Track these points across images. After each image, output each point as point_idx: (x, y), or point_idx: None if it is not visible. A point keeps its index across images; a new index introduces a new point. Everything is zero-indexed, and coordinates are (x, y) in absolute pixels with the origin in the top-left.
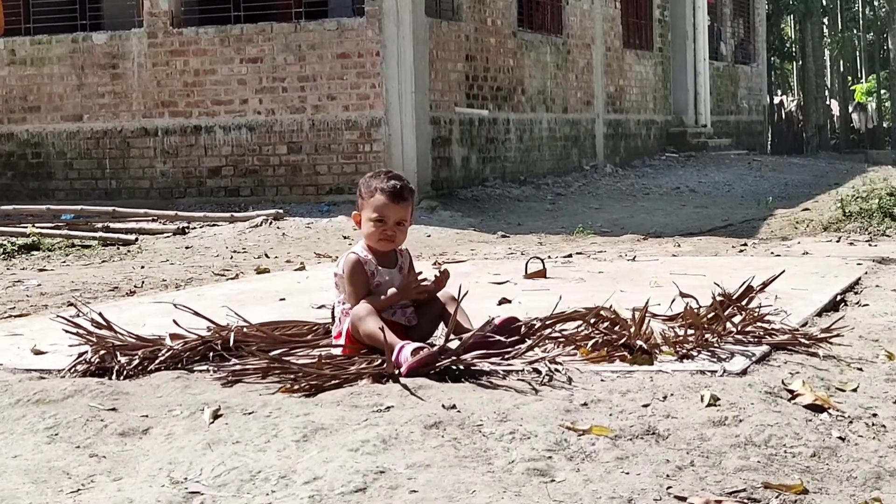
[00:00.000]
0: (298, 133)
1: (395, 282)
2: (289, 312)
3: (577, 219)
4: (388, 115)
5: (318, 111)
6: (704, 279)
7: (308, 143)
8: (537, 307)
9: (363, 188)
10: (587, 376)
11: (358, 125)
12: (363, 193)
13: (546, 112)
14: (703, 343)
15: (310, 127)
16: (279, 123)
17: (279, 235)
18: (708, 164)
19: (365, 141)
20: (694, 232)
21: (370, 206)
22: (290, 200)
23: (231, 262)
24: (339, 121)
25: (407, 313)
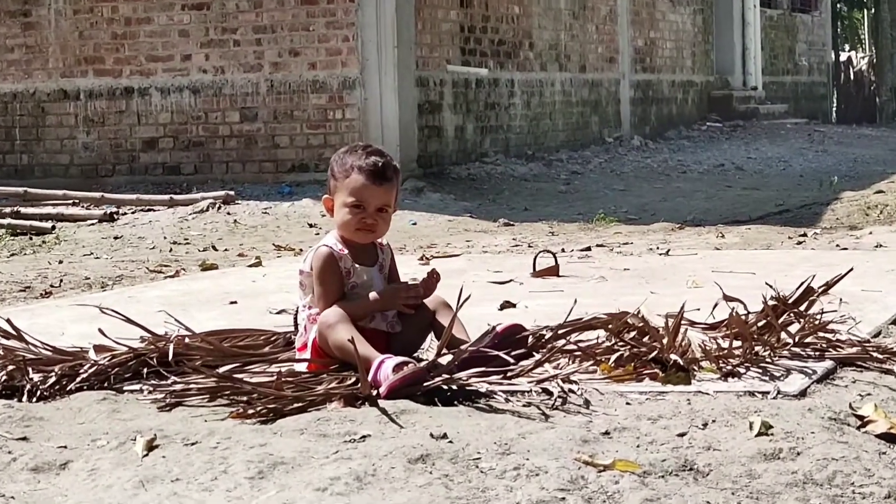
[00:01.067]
0: (253, 97)
1: (374, 283)
2: (241, 319)
3: (596, 203)
4: (365, 74)
5: (278, 70)
6: (754, 278)
7: (265, 108)
8: (548, 313)
9: (336, 166)
10: (609, 398)
11: (327, 87)
12: (336, 173)
13: (559, 71)
14: (752, 357)
15: (267, 89)
16: (230, 85)
17: (230, 223)
18: (759, 135)
19: (335, 106)
20: (741, 219)
21: (345, 188)
22: (244, 180)
23: (170, 256)
24: (303, 81)
25: (388, 318)
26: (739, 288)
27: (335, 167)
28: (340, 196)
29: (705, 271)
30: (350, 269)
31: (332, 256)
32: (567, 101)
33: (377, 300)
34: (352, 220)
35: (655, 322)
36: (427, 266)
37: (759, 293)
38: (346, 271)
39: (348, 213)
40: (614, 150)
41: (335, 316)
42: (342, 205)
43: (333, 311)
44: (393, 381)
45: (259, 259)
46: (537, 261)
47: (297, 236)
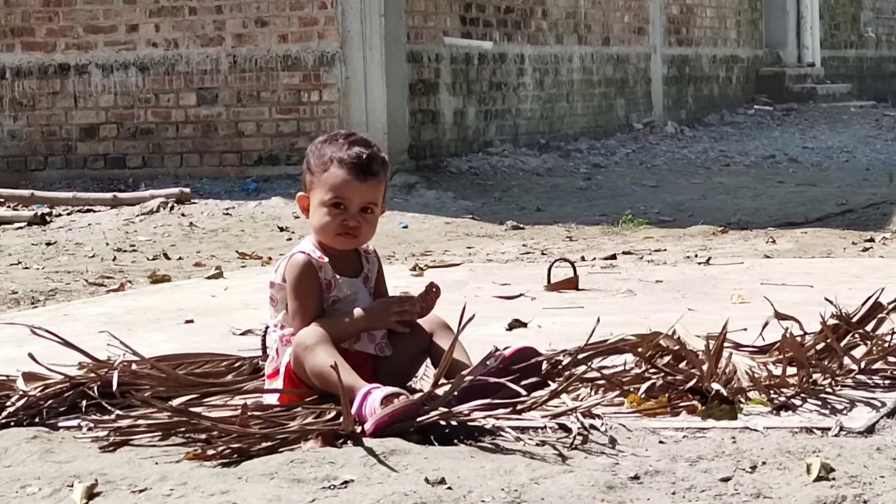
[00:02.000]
0: (213, 75)
1: (359, 297)
2: (199, 341)
3: (623, 202)
4: (346, 48)
5: (242, 43)
6: (811, 292)
7: (227, 89)
8: (565, 334)
9: (313, 158)
10: (639, 436)
11: (301, 64)
12: (313, 166)
13: (578, 44)
14: (809, 387)
15: (230, 66)
16: (184, 61)
17: (184, 226)
18: (816, 120)
19: (311, 87)
20: (796, 221)
21: (324, 184)
22: (201, 175)
23: (114, 266)
24: (272, 57)
25: (377, 339)
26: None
27: (311, 159)
28: (318, 193)
29: (753, 284)
30: (331, 280)
31: (309, 265)
32: (587, 80)
33: (363, 316)
34: (331, 222)
35: (694, 345)
36: (420, 278)
37: (818, 310)
38: (327, 283)
39: (327, 213)
40: (644, 138)
41: (314, 336)
42: (320, 204)
43: (312, 330)
44: (381, 415)
45: (220, 269)
46: (552, 271)
47: (266, 242)
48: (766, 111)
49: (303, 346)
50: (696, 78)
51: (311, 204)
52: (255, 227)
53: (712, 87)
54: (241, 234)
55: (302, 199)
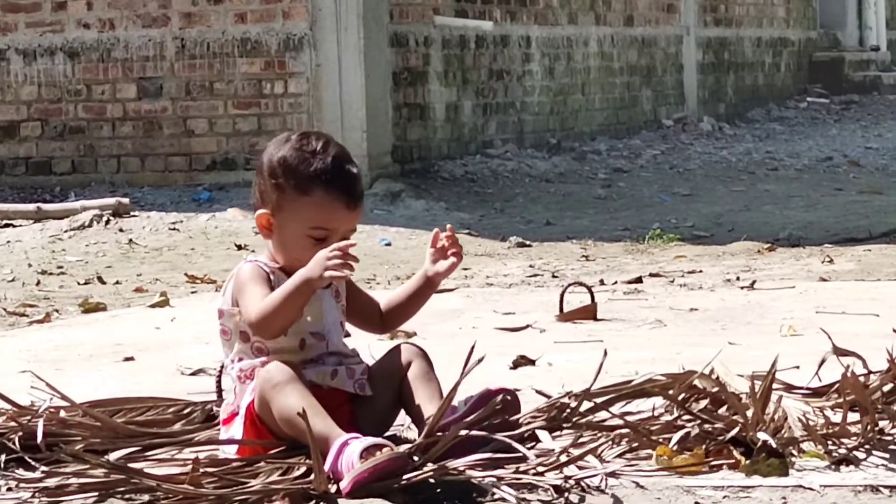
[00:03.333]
0: (157, 62)
1: (325, 310)
2: (141, 382)
3: (650, 214)
4: (317, 30)
5: (192, 24)
6: (877, 322)
7: (173, 80)
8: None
9: (280, 170)
10: (671, 496)
11: (262, 48)
12: (282, 180)
13: (596, 25)
14: (874, 436)
15: (177, 52)
16: (122, 46)
17: (123, 244)
18: (883, 115)
19: (275, 76)
20: (858, 237)
21: (304, 209)
22: (143, 182)
23: (38, 292)
24: (228, 41)
25: (356, 375)
26: (856, 336)
27: (279, 171)
28: (293, 220)
29: (807, 312)
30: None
31: (257, 269)
32: (607, 67)
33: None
34: (309, 255)
35: (736, 386)
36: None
37: (885, 344)
38: None
39: (306, 247)
40: (675, 137)
41: (281, 373)
42: (297, 234)
43: (278, 366)
44: (360, 471)
45: (165, 296)
46: (565, 298)
47: (220, 262)
48: (821, 104)
49: (270, 384)
50: (736, 65)
51: (280, 225)
52: (208, 245)
53: (756, 75)
54: (191, 254)
55: (263, 217)
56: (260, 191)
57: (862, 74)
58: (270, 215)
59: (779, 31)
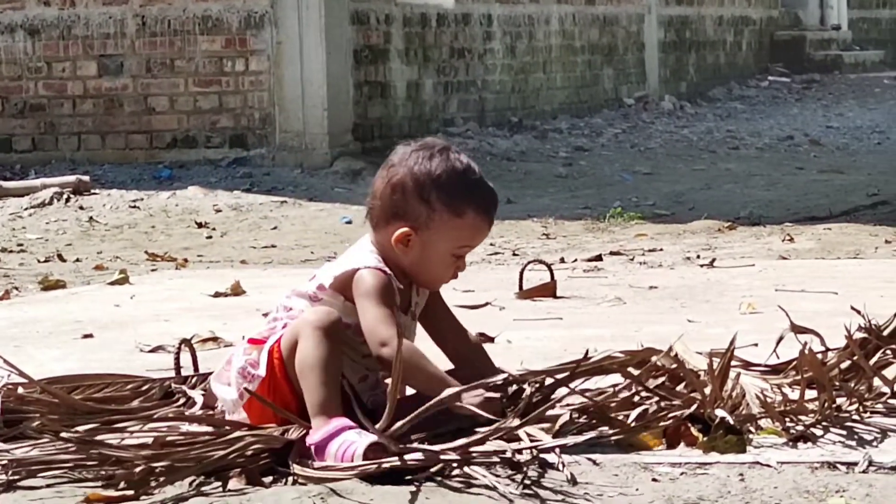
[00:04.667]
0: (117, 40)
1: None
2: (99, 360)
3: (611, 192)
4: (277, 7)
5: (153, 1)
6: (835, 301)
7: (134, 57)
8: (540, 350)
9: (435, 187)
10: (628, 472)
11: (223, 26)
12: (434, 197)
13: (557, 3)
14: (832, 413)
15: (137, 29)
16: (83, 23)
17: (83, 222)
18: (843, 94)
19: (235, 54)
20: (818, 215)
21: (454, 230)
22: (103, 160)
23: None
24: (188, 18)
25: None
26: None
27: (430, 190)
28: (440, 239)
29: (766, 290)
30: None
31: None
32: (569, 45)
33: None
34: (448, 272)
35: (694, 363)
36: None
37: (843, 321)
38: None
39: (448, 264)
40: (636, 116)
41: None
42: (443, 252)
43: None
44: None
45: (125, 274)
46: (525, 276)
47: (181, 240)
48: (782, 83)
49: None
50: (698, 44)
51: (423, 246)
52: (168, 223)
53: (718, 54)
54: (152, 231)
55: (403, 235)
56: (397, 207)
57: (823, 53)
58: (413, 233)
59: (740, 9)
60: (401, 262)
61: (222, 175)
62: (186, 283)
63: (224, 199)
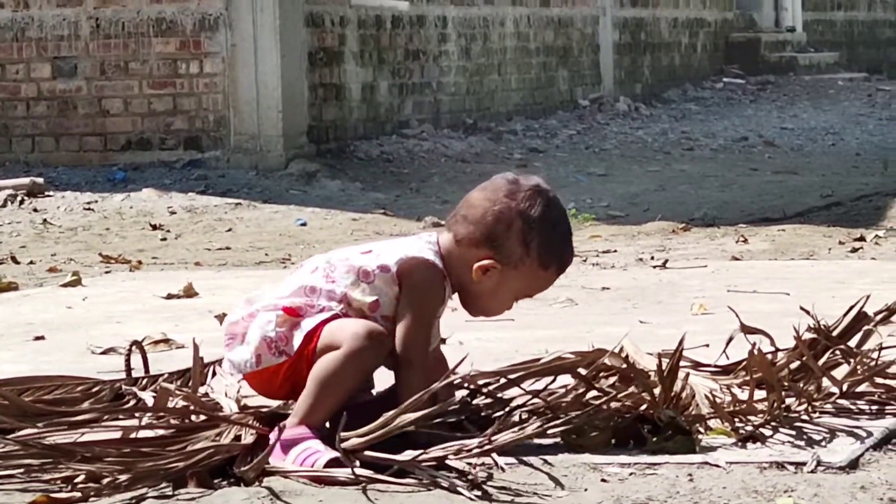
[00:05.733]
0: (71, 41)
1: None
2: (51, 361)
3: (565, 193)
4: (232, 10)
5: (107, 3)
6: (787, 301)
7: (88, 59)
8: (491, 351)
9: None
10: (577, 473)
11: (177, 28)
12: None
13: (512, 5)
14: (781, 414)
15: (91, 31)
16: (36, 25)
17: (37, 224)
18: (798, 96)
19: (190, 56)
20: (772, 217)
21: (536, 277)
22: (57, 161)
23: None
24: (142, 20)
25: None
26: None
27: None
28: (521, 280)
29: (718, 291)
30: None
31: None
32: (523, 47)
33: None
34: (501, 309)
35: (644, 364)
36: None
37: (793, 322)
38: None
39: (509, 302)
40: (591, 117)
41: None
42: (512, 293)
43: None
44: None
45: (78, 276)
46: None
47: (135, 242)
48: (737, 85)
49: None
50: (653, 45)
51: (500, 282)
52: (123, 225)
53: (673, 56)
54: (106, 234)
55: (491, 267)
56: (496, 238)
57: (778, 55)
58: (497, 266)
59: (695, 11)
60: (464, 282)
61: (177, 177)
62: (139, 284)
63: (178, 202)
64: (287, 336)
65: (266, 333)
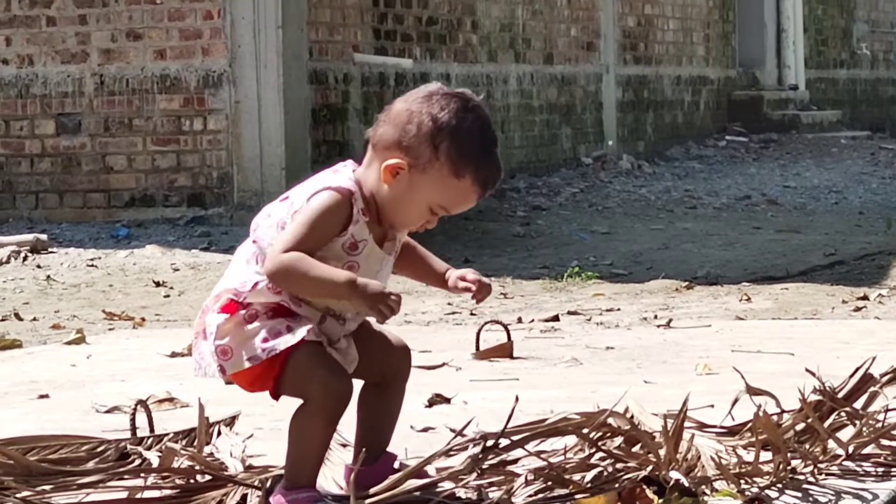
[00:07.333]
0: (76, 98)
1: (383, 273)
2: (55, 420)
3: (568, 252)
4: (236, 66)
5: (111, 60)
6: (792, 362)
7: (92, 116)
8: (496, 411)
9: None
10: None
11: (182, 85)
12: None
13: (515, 62)
14: (787, 476)
15: (95, 88)
16: (41, 81)
17: (40, 280)
18: (800, 154)
19: (194, 113)
20: (775, 275)
21: (448, 186)
22: (61, 218)
23: None
24: (147, 77)
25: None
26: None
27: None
28: (429, 187)
29: (722, 351)
30: (362, 241)
31: (345, 208)
32: (526, 104)
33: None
34: (417, 221)
35: (649, 424)
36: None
37: (798, 383)
38: (352, 244)
39: (421, 213)
40: (594, 175)
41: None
42: (425, 201)
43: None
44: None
45: (82, 333)
46: (482, 336)
47: (138, 299)
48: (739, 143)
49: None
50: (656, 103)
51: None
52: (126, 282)
53: (676, 113)
54: (109, 290)
55: (395, 166)
56: (405, 138)
57: (780, 113)
58: (406, 169)
59: (698, 69)
60: (379, 193)
61: (180, 234)
62: (143, 342)
63: (182, 258)
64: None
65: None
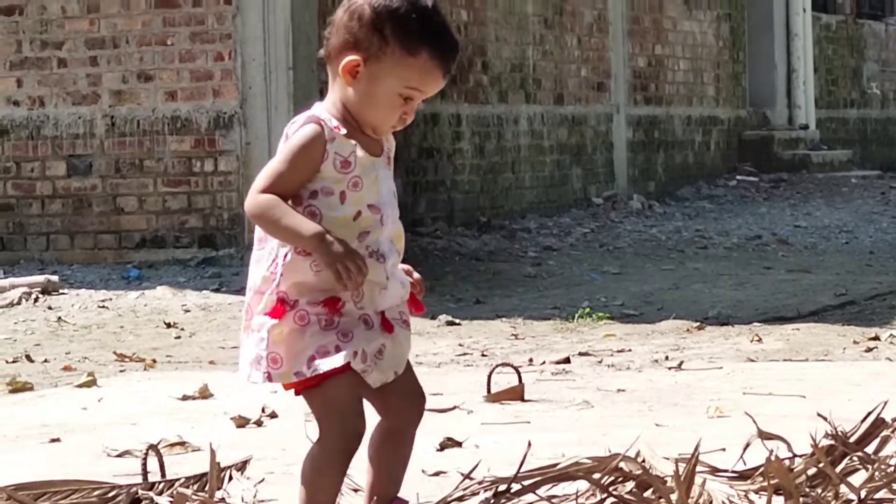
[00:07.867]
0: (87, 140)
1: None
2: (67, 464)
3: (579, 292)
4: (247, 108)
5: (122, 101)
6: (803, 404)
7: (103, 157)
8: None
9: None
10: None
11: (193, 126)
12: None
13: (526, 103)
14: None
15: (106, 129)
16: (52, 123)
17: (52, 322)
18: (811, 193)
19: (205, 154)
20: (787, 316)
21: (404, 69)
22: (72, 260)
23: None
24: (158, 118)
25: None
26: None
27: (387, 22)
28: (388, 75)
29: (734, 393)
30: (348, 157)
31: (319, 137)
32: (537, 145)
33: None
34: (393, 115)
35: (661, 469)
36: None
37: (810, 426)
38: (343, 161)
39: (392, 104)
40: (605, 215)
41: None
42: (389, 91)
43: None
44: None
45: (93, 375)
46: (493, 378)
47: (150, 341)
48: (750, 182)
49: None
50: (666, 143)
51: (370, 79)
52: (137, 323)
53: (686, 153)
54: (120, 332)
55: (352, 63)
56: (352, 35)
57: (791, 153)
58: (362, 63)
59: (708, 109)
60: (349, 100)
61: (191, 275)
62: (154, 385)
63: (193, 299)
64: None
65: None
